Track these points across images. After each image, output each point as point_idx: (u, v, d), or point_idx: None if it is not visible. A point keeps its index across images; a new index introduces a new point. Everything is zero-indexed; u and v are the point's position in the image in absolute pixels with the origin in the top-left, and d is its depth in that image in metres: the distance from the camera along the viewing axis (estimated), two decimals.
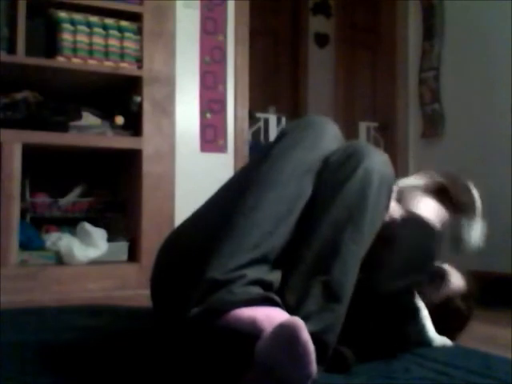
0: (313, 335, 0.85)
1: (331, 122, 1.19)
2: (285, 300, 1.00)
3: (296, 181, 1.08)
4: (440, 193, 1.45)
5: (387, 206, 1.15)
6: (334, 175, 1.10)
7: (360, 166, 1.09)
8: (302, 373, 0.82)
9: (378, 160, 1.12)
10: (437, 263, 1.44)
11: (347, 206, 1.07)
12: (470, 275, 1.50)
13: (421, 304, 1.37)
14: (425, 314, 1.37)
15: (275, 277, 1.04)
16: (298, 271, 1.05)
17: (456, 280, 1.47)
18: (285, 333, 0.83)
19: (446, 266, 1.49)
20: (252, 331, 0.88)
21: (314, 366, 0.83)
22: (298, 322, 0.83)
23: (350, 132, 3.73)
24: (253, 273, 0.98)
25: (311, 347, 0.82)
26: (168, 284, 1.19)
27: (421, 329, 1.37)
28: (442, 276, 1.46)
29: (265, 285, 1.00)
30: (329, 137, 1.16)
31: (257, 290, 0.97)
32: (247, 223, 1.03)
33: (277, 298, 0.97)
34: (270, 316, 0.90)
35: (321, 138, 1.14)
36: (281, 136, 1.17)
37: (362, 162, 1.10)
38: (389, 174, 1.13)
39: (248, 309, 0.92)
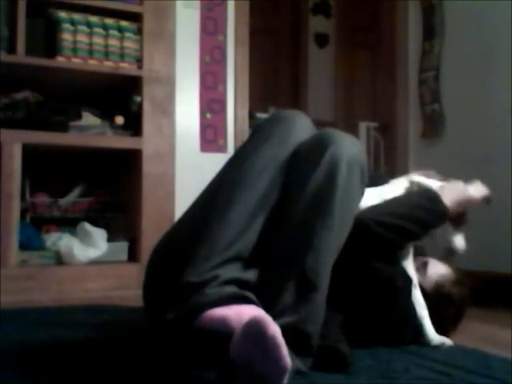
0: (291, 327, 0.85)
1: (301, 114, 1.20)
2: (262, 295, 0.99)
3: (266, 176, 1.09)
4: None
5: (362, 187, 1.15)
6: (303, 164, 1.11)
7: (326, 151, 1.09)
8: (276, 366, 0.82)
9: (345, 144, 1.12)
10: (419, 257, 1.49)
11: (316, 193, 1.07)
12: (463, 270, 1.53)
13: (421, 302, 1.38)
14: (424, 313, 1.38)
15: (251, 274, 1.04)
16: (272, 265, 1.05)
17: (441, 268, 1.49)
18: (252, 330, 0.83)
19: (429, 258, 1.52)
20: (224, 330, 0.88)
21: (286, 359, 0.82)
22: (264, 317, 0.83)
23: (349, 132, 3.71)
24: (227, 272, 0.99)
25: (280, 340, 0.81)
26: (155, 285, 1.18)
27: (420, 328, 1.37)
28: (424, 263, 1.49)
29: (240, 283, 1.00)
30: (298, 129, 1.16)
31: (231, 289, 0.97)
32: (220, 224, 1.03)
33: (250, 295, 0.97)
34: (241, 314, 0.90)
35: (290, 131, 1.15)
36: (252, 134, 1.19)
37: (328, 147, 1.10)
38: (358, 156, 1.13)
39: (220, 308, 0.92)
